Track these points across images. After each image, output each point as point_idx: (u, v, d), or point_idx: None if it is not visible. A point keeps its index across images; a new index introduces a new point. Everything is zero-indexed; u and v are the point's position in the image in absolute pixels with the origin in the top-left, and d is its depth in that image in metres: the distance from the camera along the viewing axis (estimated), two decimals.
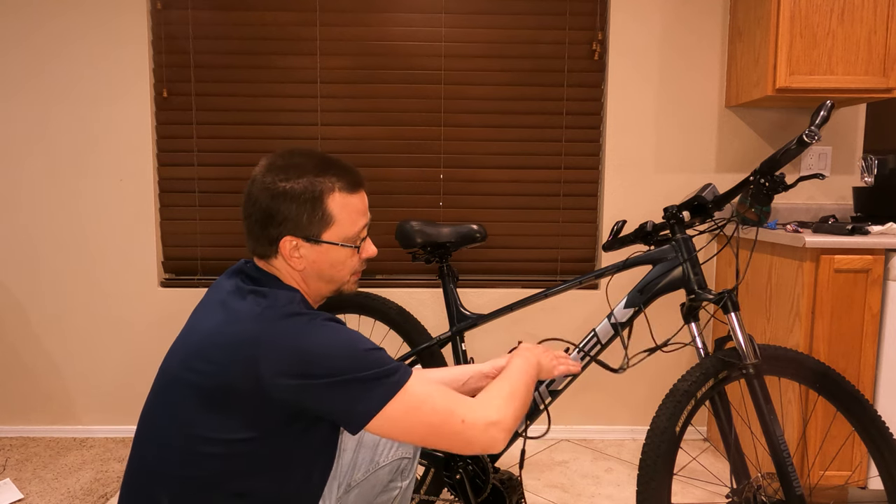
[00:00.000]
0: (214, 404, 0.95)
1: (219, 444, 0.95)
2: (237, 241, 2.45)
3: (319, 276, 1.08)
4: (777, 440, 1.34)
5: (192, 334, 1.01)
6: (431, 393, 0.99)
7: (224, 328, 0.97)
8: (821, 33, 2.03)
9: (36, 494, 1.99)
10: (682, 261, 1.49)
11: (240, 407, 0.94)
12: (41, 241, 2.40)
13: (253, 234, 1.06)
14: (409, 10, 2.38)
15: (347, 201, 1.07)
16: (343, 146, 2.42)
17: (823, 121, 1.27)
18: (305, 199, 1.03)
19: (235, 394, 0.94)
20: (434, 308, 2.45)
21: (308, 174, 1.04)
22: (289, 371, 0.93)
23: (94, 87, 2.34)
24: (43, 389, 2.46)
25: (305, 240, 1.05)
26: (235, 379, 0.93)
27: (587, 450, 2.38)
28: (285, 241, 1.04)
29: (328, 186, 1.05)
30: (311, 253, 1.06)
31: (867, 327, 1.83)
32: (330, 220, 1.05)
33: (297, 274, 1.08)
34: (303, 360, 0.93)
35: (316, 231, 1.05)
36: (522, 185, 2.45)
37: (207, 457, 0.96)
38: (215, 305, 1.03)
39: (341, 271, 1.09)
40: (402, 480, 1.30)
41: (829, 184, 2.42)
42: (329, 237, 1.06)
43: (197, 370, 0.96)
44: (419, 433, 0.97)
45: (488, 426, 0.99)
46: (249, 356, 0.93)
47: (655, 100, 2.39)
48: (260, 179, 1.04)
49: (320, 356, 0.94)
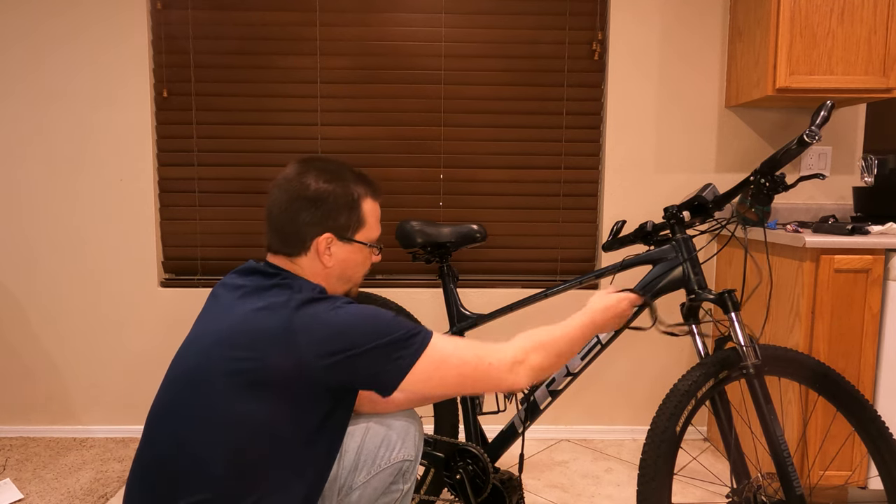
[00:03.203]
0: (257, 391, 0.99)
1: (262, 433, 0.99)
2: (237, 241, 2.45)
3: (340, 276, 1.17)
4: (777, 440, 1.34)
5: (216, 329, 1.03)
6: (458, 345, 1.09)
7: (257, 318, 1.01)
8: (821, 33, 2.03)
9: (36, 494, 1.99)
10: (682, 261, 1.49)
11: (281, 392, 0.99)
12: (41, 241, 2.40)
13: (282, 233, 1.12)
14: (409, 10, 2.38)
15: (374, 207, 1.19)
16: (343, 146, 2.42)
17: (824, 121, 1.27)
18: (346, 202, 1.13)
19: (277, 379, 0.99)
20: (434, 308, 2.45)
21: (347, 180, 1.14)
22: (328, 350, 0.99)
23: (93, 87, 2.34)
24: (43, 389, 2.45)
25: (339, 238, 1.13)
26: (276, 365, 0.98)
27: (587, 450, 2.38)
28: (322, 239, 1.12)
29: (362, 192, 1.16)
30: (342, 251, 1.15)
31: (867, 327, 1.83)
32: (363, 222, 1.16)
33: (321, 272, 1.15)
34: (338, 337, 1.00)
35: (351, 231, 1.15)
36: (522, 185, 2.45)
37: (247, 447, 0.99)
38: (235, 302, 1.06)
39: (359, 272, 1.20)
40: (404, 483, 1.31)
41: (829, 184, 2.42)
42: (360, 238, 1.17)
43: (237, 358, 0.99)
44: (452, 382, 1.07)
45: (514, 364, 1.12)
46: (288, 342, 0.98)
47: (655, 100, 2.39)
48: (298, 180, 1.12)
49: (353, 330, 1.01)
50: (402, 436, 1.28)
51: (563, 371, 1.58)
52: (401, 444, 1.27)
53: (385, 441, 1.26)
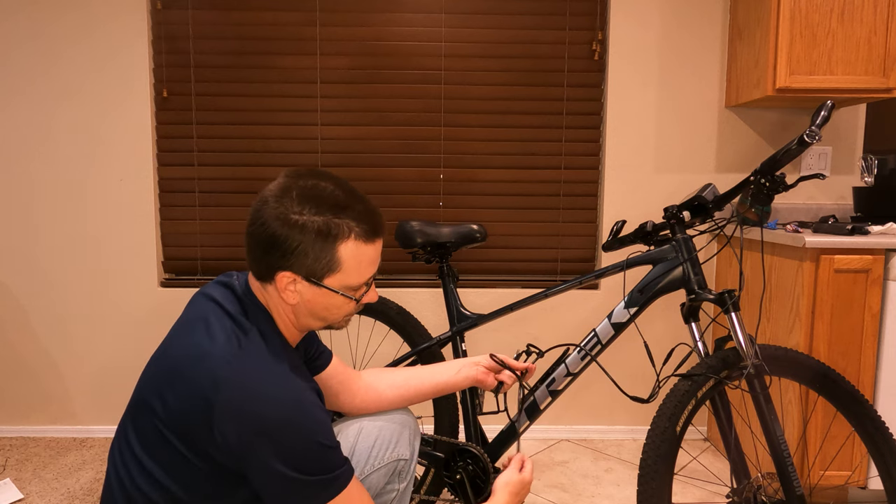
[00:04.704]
0: (172, 435, 0.93)
1: (161, 480, 0.94)
2: (237, 241, 2.45)
3: (311, 314, 1.02)
4: (777, 440, 1.34)
5: (166, 358, 0.98)
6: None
7: (194, 359, 0.93)
8: (821, 33, 2.03)
9: (36, 494, 1.99)
10: (682, 261, 1.49)
11: (190, 442, 0.92)
12: (41, 240, 2.40)
13: (253, 255, 0.99)
14: (409, 10, 2.38)
15: (361, 251, 0.98)
16: (343, 146, 2.42)
17: (824, 121, 1.27)
18: (316, 239, 0.94)
19: (189, 428, 0.91)
20: (434, 308, 2.45)
21: (326, 212, 0.95)
22: (239, 431, 0.88)
23: (94, 88, 2.34)
24: (43, 389, 2.45)
25: (305, 279, 0.97)
26: (192, 414, 0.90)
27: (587, 450, 2.38)
28: (282, 276, 0.97)
29: (344, 231, 0.96)
30: (308, 292, 0.99)
31: (867, 327, 1.83)
32: (336, 266, 0.97)
33: (287, 307, 1.02)
34: (256, 430, 0.88)
35: (319, 274, 0.97)
36: (522, 185, 2.45)
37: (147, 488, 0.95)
38: (194, 323, 0.98)
39: (335, 314, 1.03)
40: (400, 482, 1.30)
41: (829, 184, 2.42)
42: (331, 283, 0.98)
43: (163, 399, 0.94)
44: None
45: None
46: (208, 398, 0.89)
47: (655, 100, 2.39)
48: (272, 204, 0.95)
49: (276, 435, 0.88)
50: (395, 435, 1.27)
51: (564, 371, 1.58)
52: (394, 444, 1.26)
53: (378, 441, 1.25)
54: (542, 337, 2.47)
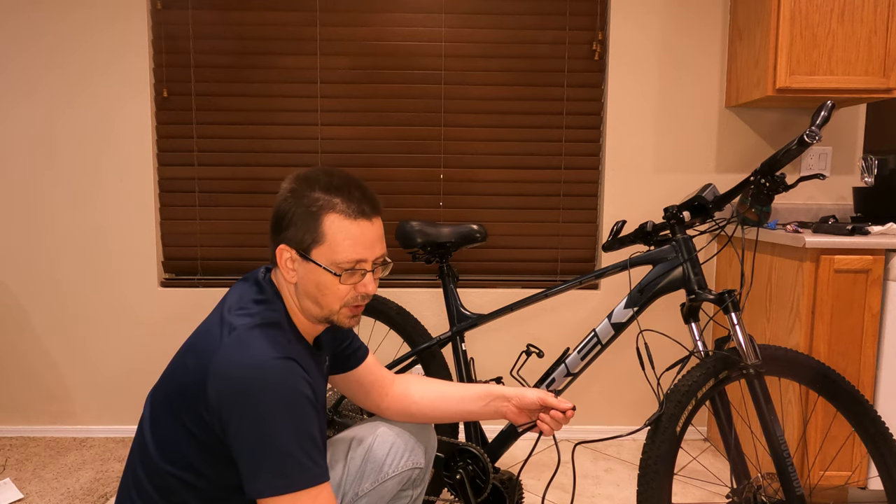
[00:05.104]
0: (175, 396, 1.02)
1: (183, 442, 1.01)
2: (237, 241, 2.45)
3: (307, 295, 1.06)
4: (777, 440, 1.34)
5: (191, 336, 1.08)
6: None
7: (205, 333, 1.03)
8: (821, 33, 2.03)
9: (36, 494, 1.99)
10: (682, 261, 1.49)
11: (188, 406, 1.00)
12: (41, 240, 2.40)
13: (270, 240, 1.09)
14: (409, 10, 2.38)
15: (345, 226, 1.02)
16: (343, 146, 2.42)
17: (824, 121, 1.27)
18: (306, 212, 1.02)
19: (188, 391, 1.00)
20: (434, 308, 2.45)
21: (318, 189, 1.03)
22: (219, 388, 0.95)
23: (94, 88, 2.34)
24: (43, 389, 2.45)
25: (297, 251, 1.04)
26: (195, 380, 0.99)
27: (587, 450, 2.38)
28: (281, 250, 1.05)
29: (329, 204, 1.02)
30: (301, 268, 1.05)
31: (867, 327, 1.83)
32: (321, 238, 1.02)
33: (291, 287, 1.08)
34: (248, 403, 0.93)
35: (306, 245, 1.03)
36: (522, 185, 2.45)
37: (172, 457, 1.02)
38: (216, 309, 1.08)
39: (327, 296, 1.05)
40: (414, 489, 1.30)
41: (829, 184, 2.42)
42: (316, 256, 1.03)
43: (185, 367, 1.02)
44: None
45: None
46: (206, 364, 0.97)
47: (655, 100, 2.39)
48: (282, 186, 1.08)
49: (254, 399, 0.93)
50: (411, 443, 1.26)
51: (564, 371, 1.58)
52: (409, 453, 1.25)
53: (393, 449, 1.24)
54: (542, 337, 2.47)
